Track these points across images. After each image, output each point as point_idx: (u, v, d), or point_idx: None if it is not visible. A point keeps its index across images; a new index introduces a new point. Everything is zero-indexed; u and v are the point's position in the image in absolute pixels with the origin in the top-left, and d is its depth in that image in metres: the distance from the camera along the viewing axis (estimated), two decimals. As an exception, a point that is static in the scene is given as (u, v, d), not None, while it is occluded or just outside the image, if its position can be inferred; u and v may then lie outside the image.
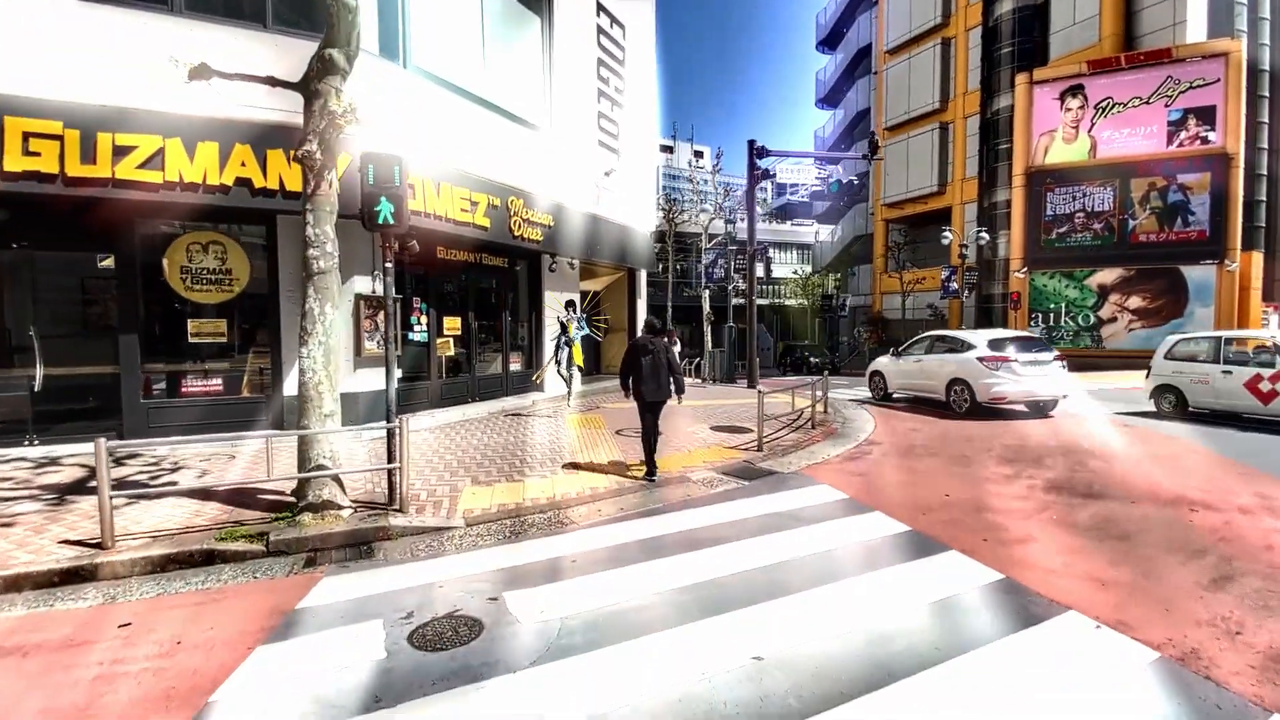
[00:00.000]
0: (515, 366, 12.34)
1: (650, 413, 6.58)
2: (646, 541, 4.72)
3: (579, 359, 11.19)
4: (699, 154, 25.61)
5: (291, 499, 5.34)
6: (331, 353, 5.20)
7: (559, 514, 5.43)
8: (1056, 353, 11.50)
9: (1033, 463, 7.19)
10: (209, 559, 4.53)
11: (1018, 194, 25.12)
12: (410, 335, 9.85)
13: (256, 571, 4.37)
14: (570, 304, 11.53)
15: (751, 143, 16.18)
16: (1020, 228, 25.05)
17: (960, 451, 7.91)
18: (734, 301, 20.26)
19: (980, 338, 11.33)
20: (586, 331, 11.60)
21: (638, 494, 5.99)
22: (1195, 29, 23.87)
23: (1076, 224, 24.15)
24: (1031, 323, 24.81)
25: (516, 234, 10.94)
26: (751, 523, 5.10)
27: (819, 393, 10.39)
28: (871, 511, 5.33)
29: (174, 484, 6.15)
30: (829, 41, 42.75)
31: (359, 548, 4.79)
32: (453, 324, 10.70)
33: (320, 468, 5.12)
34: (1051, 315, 24.76)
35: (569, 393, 11.25)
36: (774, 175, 16.52)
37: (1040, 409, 11.13)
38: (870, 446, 8.40)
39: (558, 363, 11.04)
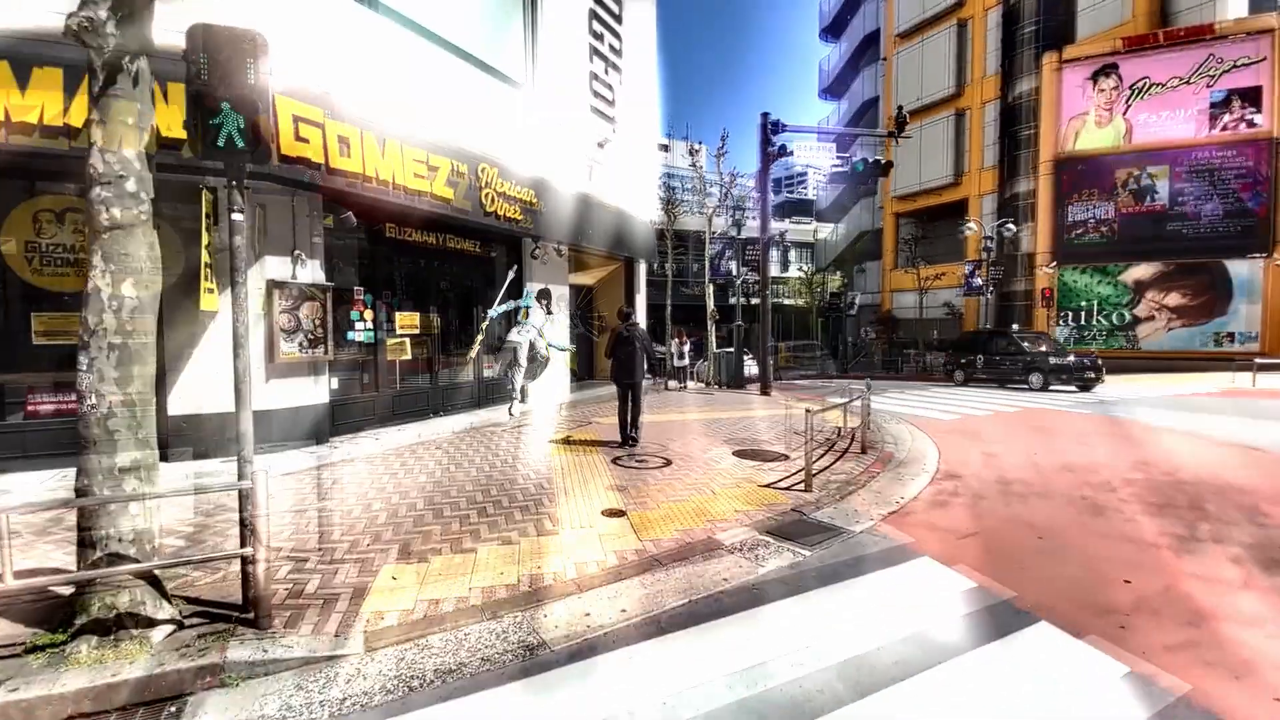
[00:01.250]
0: (490, 372, 10.23)
1: (629, 391, 7.49)
2: (672, 708, 2.65)
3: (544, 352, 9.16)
4: (695, 152, 23.71)
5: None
6: (136, 363, 3.09)
7: (524, 620, 3.35)
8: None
9: (1192, 508, 5.18)
10: None
11: (1045, 182, 23.25)
12: (350, 334, 7.74)
13: (-71, 786, 2.26)
14: (544, 293, 9.39)
15: (765, 116, 14.16)
16: (1048, 219, 23.17)
17: (1076, 491, 5.89)
18: (740, 300, 18.28)
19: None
20: (558, 346, 9.58)
21: (647, 576, 3.92)
22: (1235, 3, 22.08)
23: (1109, 215, 22.24)
24: (1060, 321, 22.94)
25: (489, 210, 8.85)
26: (847, 654, 3.03)
27: (859, 403, 8.32)
28: (1035, 622, 3.27)
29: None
30: (832, 30, 40.90)
31: (162, 710, 2.69)
32: (409, 321, 8.58)
33: (116, 558, 3.02)
34: (1082, 314, 22.89)
35: (513, 401, 9.22)
36: (790, 153, 14.43)
37: None
38: (949, 480, 6.35)
39: (510, 366, 9.01)
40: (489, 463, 6.78)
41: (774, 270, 37.03)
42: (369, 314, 7.91)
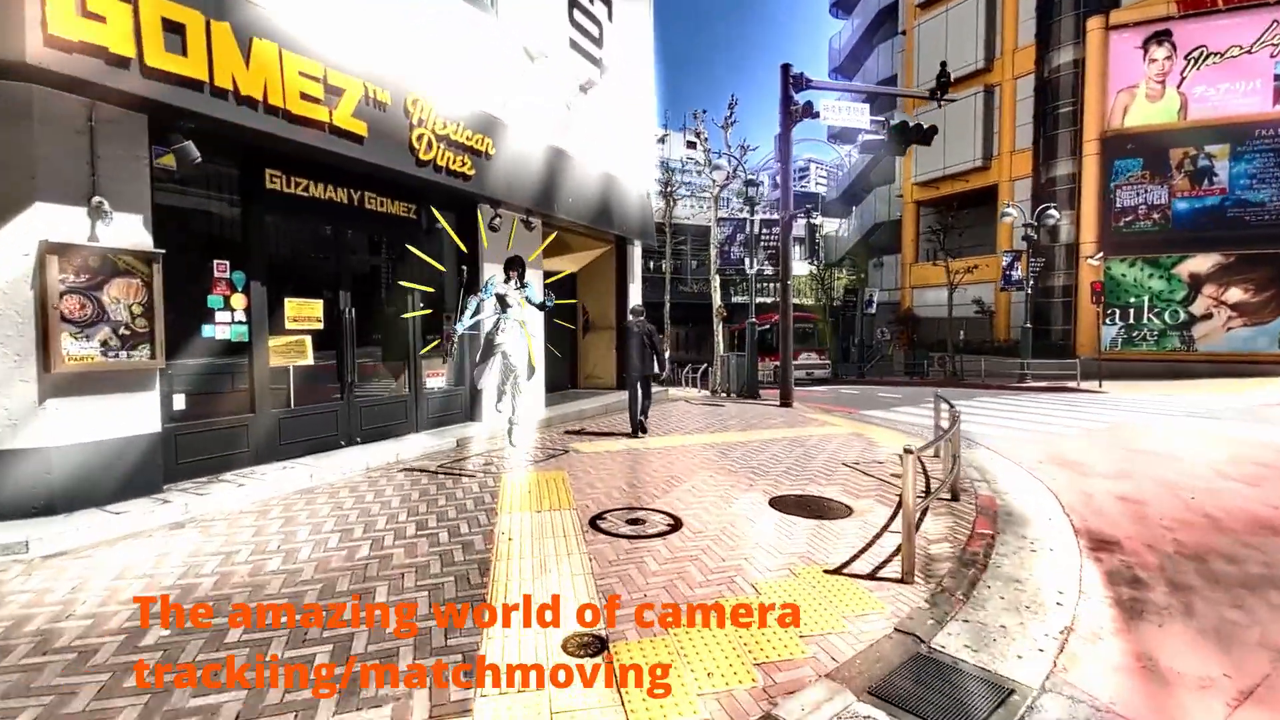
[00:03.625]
0: (436, 382, 7.81)
1: (639, 383, 7.89)
2: None
3: (531, 359, 6.74)
4: (692, 145, 21.54)
5: None
6: None
7: None
8: None
9: None
10: None
11: (1090, 164, 20.85)
12: (209, 329, 5.34)
13: None
14: (515, 262, 6.85)
15: (786, 69, 11.83)
16: (1094, 205, 20.77)
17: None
18: (752, 298, 15.86)
19: None
20: (547, 303, 7.01)
21: None
22: (1303, -36, 19.67)
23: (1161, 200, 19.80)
24: (1107, 320, 20.54)
25: (425, 158, 6.46)
26: None
27: (941, 426, 5.94)
28: None
29: None
30: (844, 4, 38.56)
31: None
32: (306, 310, 6.17)
33: None
34: (1131, 311, 20.48)
35: (510, 428, 6.82)
36: (817, 114, 11.99)
37: None
38: (1109, 554, 3.97)
39: (507, 374, 6.60)
40: (396, 528, 4.38)
41: (812, 245, 34.17)
42: (240, 300, 5.50)
